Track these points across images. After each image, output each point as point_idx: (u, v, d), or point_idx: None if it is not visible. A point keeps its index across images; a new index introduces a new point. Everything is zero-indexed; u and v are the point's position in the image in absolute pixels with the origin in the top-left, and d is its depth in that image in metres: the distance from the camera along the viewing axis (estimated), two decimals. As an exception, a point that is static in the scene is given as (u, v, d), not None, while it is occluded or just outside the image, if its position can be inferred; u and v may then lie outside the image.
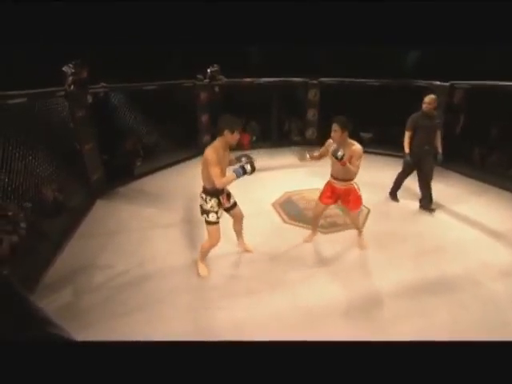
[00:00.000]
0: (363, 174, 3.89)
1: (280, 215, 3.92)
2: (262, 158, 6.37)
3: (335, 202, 3.02)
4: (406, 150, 3.92)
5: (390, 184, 4.50)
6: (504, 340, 0.76)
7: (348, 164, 2.63)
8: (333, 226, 3.64)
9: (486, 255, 3.10)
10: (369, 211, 4.01)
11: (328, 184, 2.96)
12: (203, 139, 6.63)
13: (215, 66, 6.17)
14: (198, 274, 2.83)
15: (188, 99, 6.20)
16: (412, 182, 4.40)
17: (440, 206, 4.14)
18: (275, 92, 7.04)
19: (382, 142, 6.73)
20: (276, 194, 4.51)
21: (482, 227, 3.62)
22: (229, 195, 2.74)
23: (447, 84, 5.52)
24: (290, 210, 4.06)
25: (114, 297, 2.59)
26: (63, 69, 3.94)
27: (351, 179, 2.83)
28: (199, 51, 5.56)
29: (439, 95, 5.51)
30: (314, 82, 6.87)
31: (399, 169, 4.29)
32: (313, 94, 6.95)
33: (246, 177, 2.38)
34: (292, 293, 2.61)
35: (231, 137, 2.39)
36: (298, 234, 3.51)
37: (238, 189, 4.66)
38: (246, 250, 3.13)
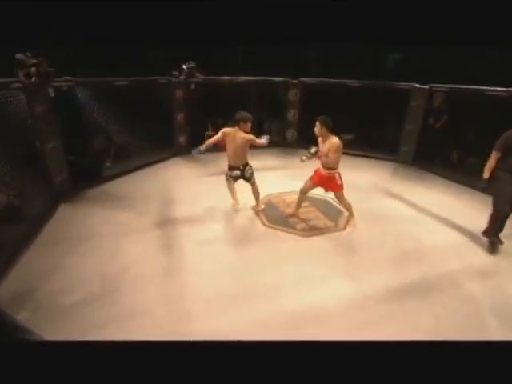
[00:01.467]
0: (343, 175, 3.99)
1: (260, 218, 3.93)
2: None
3: (321, 184, 3.62)
4: (486, 174, 3.14)
5: (368, 186, 4.62)
6: (482, 340, 0.82)
7: (323, 157, 3.34)
8: (314, 230, 3.70)
9: (466, 257, 3.28)
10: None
11: (317, 169, 3.63)
12: (179, 139, 6.53)
13: (191, 62, 6.10)
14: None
15: (163, 97, 6.08)
16: (389, 183, 4.56)
17: (420, 209, 4.34)
18: (254, 91, 7.08)
19: (362, 144, 6.95)
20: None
21: (461, 229, 3.81)
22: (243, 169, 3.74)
23: (426, 87, 5.81)
24: (270, 213, 4.08)
25: (83, 309, 2.45)
26: (17, 56, 3.64)
27: (332, 168, 3.44)
28: (175, 48, 5.49)
29: (418, 98, 5.87)
30: (295, 81, 6.96)
31: (378, 171, 4.42)
32: (293, 94, 7.05)
33: (222, 179, 2.61)
34: (274, 298, 2.61)
35: (244, 125, 3.50)
36: (278, 237, 3.53)
37: (216, 191, 4.69)
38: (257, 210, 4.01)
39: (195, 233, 3.57)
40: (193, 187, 4.91)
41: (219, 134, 3.61)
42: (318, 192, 4.67)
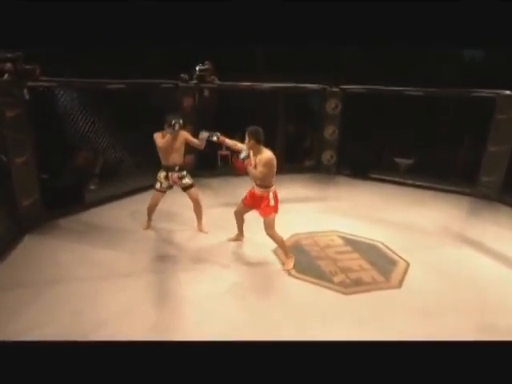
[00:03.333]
0: (394, 212, 3.75)
1: (284, 265, 3.83)
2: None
3: (253, 205, 3.87)
4: None
5: (435, 229, 4.37)
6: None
7: (248, 167, 3.62)
8: (357, 285, 3.51)
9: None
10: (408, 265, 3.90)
11: (252, 187, 3.89)
12: (184, 158, 6.66)
13: (206, 63, 6.36)
14: None
15: (167, 105, 6.33)
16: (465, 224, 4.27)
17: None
18: (282, 101, 7.23)
19: (426, 171, 6.77)
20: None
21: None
22: (181, 177, 4.29)
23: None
24: (298, 258, 3.97)
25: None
26: None
27: (264, 186, 3.69)
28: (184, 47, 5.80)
29: (507, 110, 5.68)
30: (335, 89, 7.05)
31: (449, 208, 4.24)
32: (332, 106, 7.11)
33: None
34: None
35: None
36: (307, 293, 3.37)
37: (227, 225, 4.64)
38: (200, 231, 4.50)
39: (197, 281, 3.49)
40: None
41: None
42: (364, 234, 4.56)
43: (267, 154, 3.57)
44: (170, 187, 4.36)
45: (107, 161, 5.91)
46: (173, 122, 4.01)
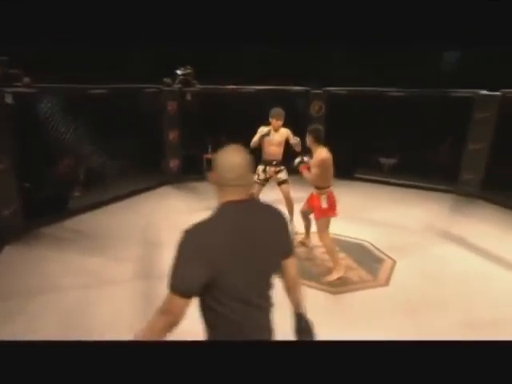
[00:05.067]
0: (379, 211, 3.78)
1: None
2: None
3: (310, 205, 3.83)
4: None
5: (419, 227, 4.43)
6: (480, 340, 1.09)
7: (304, 171, 3.62)
8: (345, 284, 3.53)
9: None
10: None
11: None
12: (170, 163, 6.62)
13: (188, 67, 6.35)
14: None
15: (151, 110, 6.29)
16: (448, 222, 4.33)
17: (495, 260, 4.12)
18: (267, 104, 7.24)
19: (409, 171, 6.86)
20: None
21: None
22: (278, 171, 4.52)
23: (497, 93, 5.76)
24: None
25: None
26: None
27: (319, 187, 3.62)
28: (166, 48, 5.77)
29: (485, 109, 5.82)
30: (318, 91, 7.11)
31: (432, 206, 4.31)
32: (316, 108, 7.17)
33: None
34: None
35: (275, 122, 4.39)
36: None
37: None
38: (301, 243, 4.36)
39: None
40: (186, 224, 4.85)
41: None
42: (350, 234, 4.59)
43: (322, 154, 3.46)
44: (266, 180, 4.54)
45: (91, 167, 5.84)
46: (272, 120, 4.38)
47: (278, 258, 1.48)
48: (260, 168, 4.52)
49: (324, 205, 3.54)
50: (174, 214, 5.25)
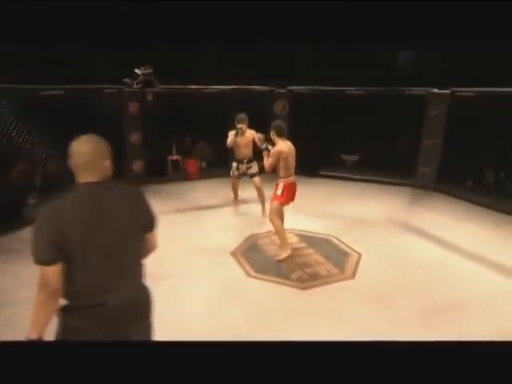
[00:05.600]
0: (343, 206, 3.89)
1: (243, 267, 3.80)
2: (217, 191, 6.35)
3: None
4: None
5: (381, 219, 4.58)
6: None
7: (264, 158, 4.05)
8: (314, 279, 3.58)
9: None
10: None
11: None
12: (133, 165, 6.44)
13: (148, 67, 6.18)
14: None
15: (111, 111, 6.09)
16: (407, 214, 4.51)
17: (451, 248, 4.35)
18: (231, 104, 7.23)
19: (369, 166, 7.10)
20: (238, 239, 4.42)
21: (509, 272, 3.84)
22: (249, 167, 5.17)
23: (447, 92, 6.09)
24: (256, 258, 3.97)
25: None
26: None
27: (279, 177, 3.99)
28: (124, 48, 5.60)
29: (437, 106, 6.13)
30: (282, 90, 7.20)
31: (392, 199, 4.49)
32: (280, 107, 7.25)
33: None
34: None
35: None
36: (267, 292, 3.38)
37: (183, 231, 4.57)
38: (263, 216, 4.93)
39: (153, 292, 3.37)
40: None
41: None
42: (317, 229, 4.68)
43: (279, 146, 3.84)
44: (240, 175, 5.24)
45: (48, 172, 5.57)
46: (238, 126, 4.91)
47: (134, 232, 1.62)
48: (234, 165, 5.21)
49: (278, 191, 3.91)
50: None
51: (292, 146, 3.94)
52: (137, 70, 6.04)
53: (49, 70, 5.43)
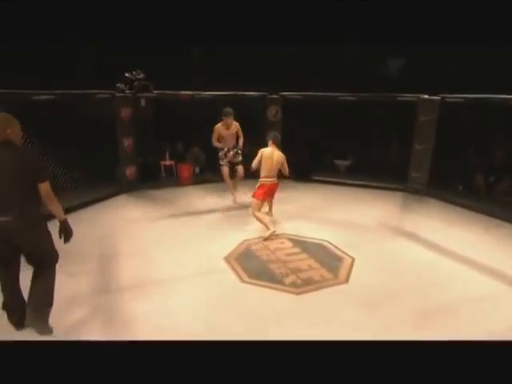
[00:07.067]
0: (336, 211, 3.92)
1: (236, 272, 3.79)
2: (210, 196, 6.34)
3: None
4: None
5: (373, 224, 4.61)
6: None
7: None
8: (308, 284, 3.57)
9: (508, 313, 3.26)
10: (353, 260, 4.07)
11: None
12: (126, 171, 6.40)
13: (140, 72, 6.14)
14: None
15: (104, 117, 6.06)
16: (399, 219, 4.55)
17: (442, 251, 4.38)
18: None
19: (361, 171, 7.15)
20: (231, 244, 4.40)
21: (499, 275, 3.84)
22: (236, 154, 5.88)
23: (437, 98, 6.14)
24: (250, 264, 3.95)
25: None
26: None
27: (260, 175, 4.80)
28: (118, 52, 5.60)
29: (428, 112, 6.20)
30: (275, 96, 7.23)
31: (384, 204, 4.52)
32: (273, 113, 7.27)
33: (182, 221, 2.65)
34: None
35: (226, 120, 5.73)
36: (260, 298, 3.37)
37: (176, 238, 4.55)
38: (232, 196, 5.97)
39: (145, 298, 3.32)
40: (144, 235, 4.70)
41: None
42: (311, 234, 4.68)
43: (263, 149, 4.73)
44: (229, 162, 5.84)
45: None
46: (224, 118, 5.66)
47: (21, 180, 2.41)
48: (221, 153, 5.84)
49: (256, 189, 4.73)
50: (130, 223, 5.08)
51: (277, 154, 4.67)
52: (127, 75, 6.00)
53: (39, 76, 5.40)
